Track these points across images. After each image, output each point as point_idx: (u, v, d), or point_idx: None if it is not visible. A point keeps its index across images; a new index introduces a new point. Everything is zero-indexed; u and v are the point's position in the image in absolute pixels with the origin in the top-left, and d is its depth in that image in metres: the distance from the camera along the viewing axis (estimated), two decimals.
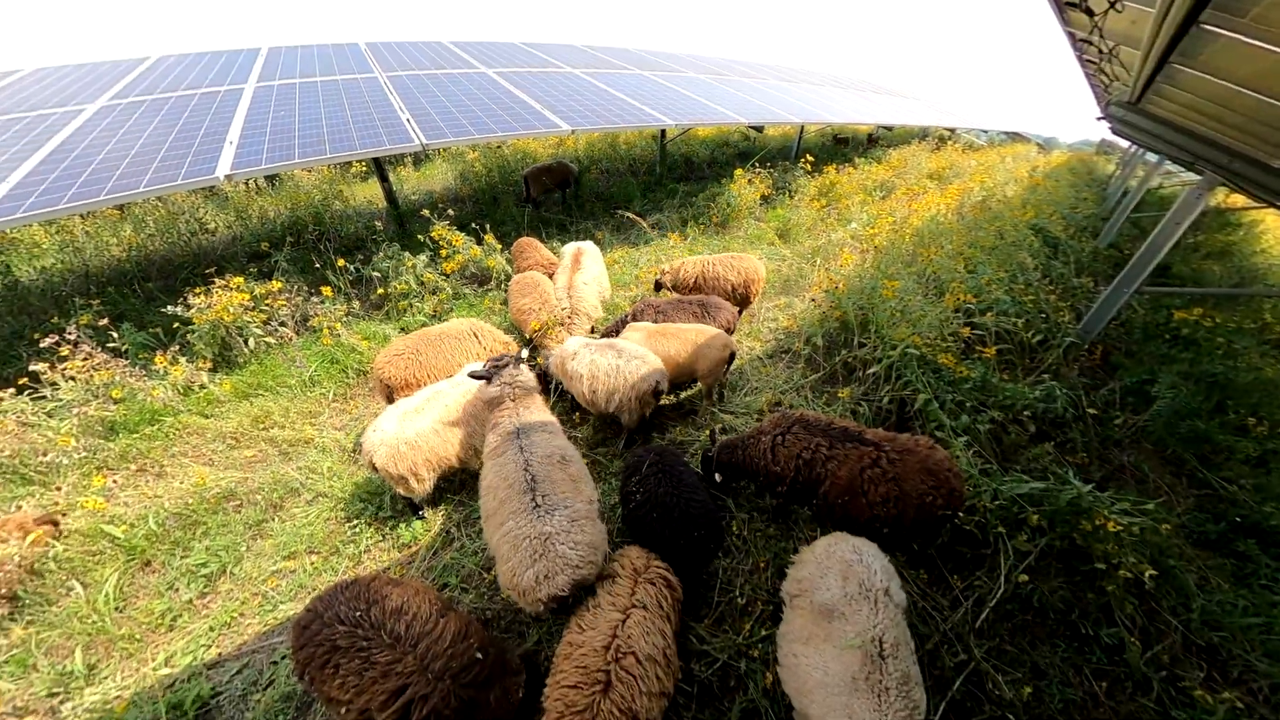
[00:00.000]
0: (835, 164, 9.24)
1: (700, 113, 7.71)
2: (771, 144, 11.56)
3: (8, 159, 4.79)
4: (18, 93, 6.67)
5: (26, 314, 5.33)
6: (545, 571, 2.04)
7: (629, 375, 3.29)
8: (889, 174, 9.46)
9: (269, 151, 4.98)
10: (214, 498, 3.35)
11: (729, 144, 11.32)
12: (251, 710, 2.31)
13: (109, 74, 7.34)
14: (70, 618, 2.70)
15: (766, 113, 8.54)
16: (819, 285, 4.90)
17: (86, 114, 5.81)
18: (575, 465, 2.58)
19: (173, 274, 6.07)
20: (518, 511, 2.22)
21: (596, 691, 1.76)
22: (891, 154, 10.87)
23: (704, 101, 8.33)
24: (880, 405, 3.58)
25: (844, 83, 13.97)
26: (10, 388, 3.72)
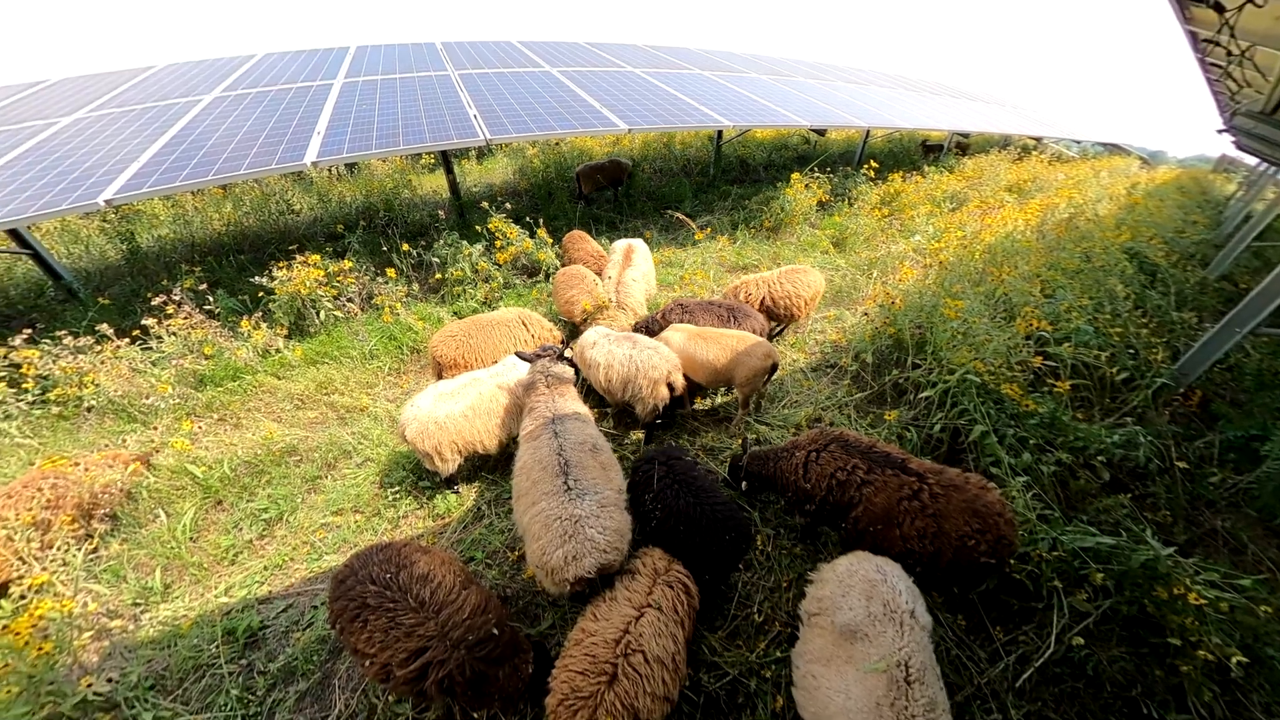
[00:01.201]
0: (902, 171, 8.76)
1: (759, 114, 7.56)
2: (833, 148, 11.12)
3: (140, 141, 5.51)
4: (152, 84, 7.65)
5: (144, 275, 6.13)
6: (574, 553, 2.09)
7: (641, 365, 3.33)
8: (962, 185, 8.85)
9: (350, 142, 5.42)
10: (279, 451, 3.69)
11: (787, 147, 11.01)
12: (291, 646, 2.54)
13: (223, 68, 8.24)
14: (154, 541, 3.09)
15: (829, 115, 8.23)
16: (873, 299, 4.64)
17: (203, 104, 6.57)
18: (605, 454, 2.64)
19: (261, 248, 6.74)
20: (550, 493, 2.30)
21: (602, 682, 1.79)
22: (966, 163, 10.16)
23: (763, 102, 8.15)
24: (930, 433, 3.34)
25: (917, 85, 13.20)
26: (126, 338, 4.29)
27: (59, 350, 4.03)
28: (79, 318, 5.05)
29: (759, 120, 7.36)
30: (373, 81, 7.37)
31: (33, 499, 2.76)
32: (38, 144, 5.65)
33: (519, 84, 7.55)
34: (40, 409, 4.00)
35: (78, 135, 5.83)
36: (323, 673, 2.43)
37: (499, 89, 7.28)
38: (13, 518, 2.63)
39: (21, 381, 3.96)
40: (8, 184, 4.78)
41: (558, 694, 1.82)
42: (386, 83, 7.33)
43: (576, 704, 1.76)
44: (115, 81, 7.90)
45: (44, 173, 4.95)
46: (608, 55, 9.98)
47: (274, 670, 2.43)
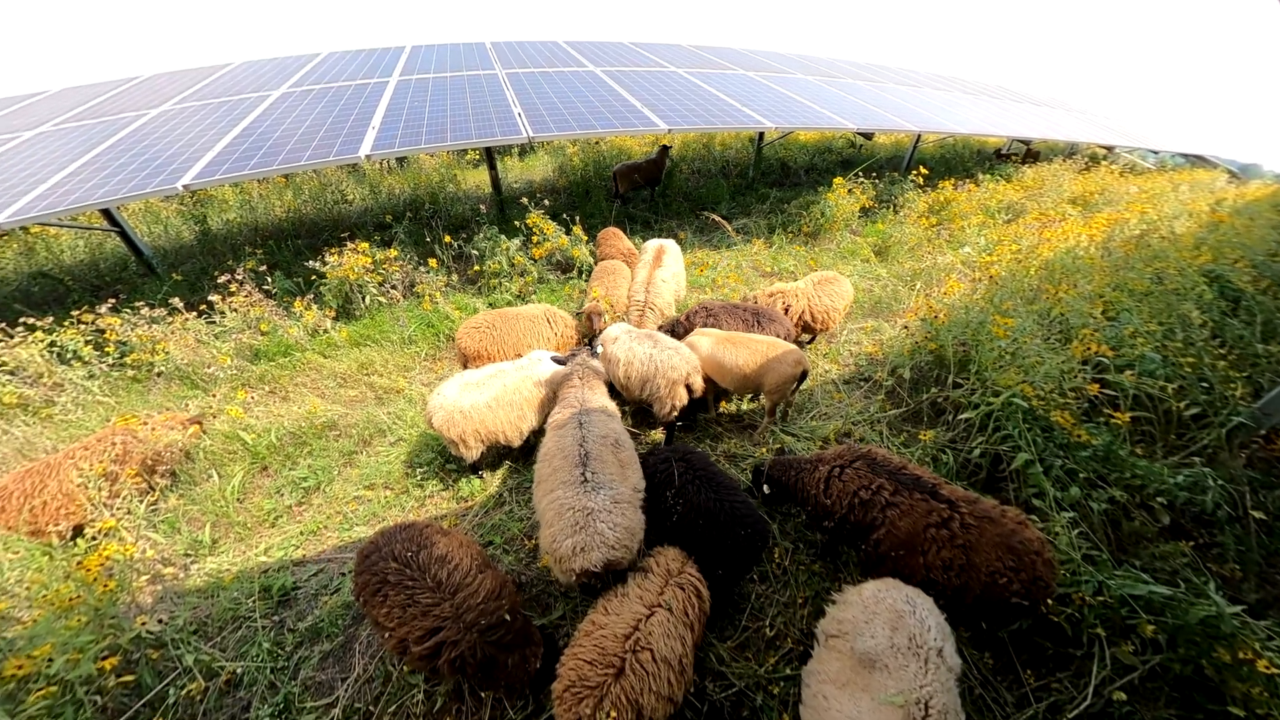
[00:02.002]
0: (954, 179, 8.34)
1: (803, 116, 7.39)
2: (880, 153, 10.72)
3: (215, 133, 5.97)
4: (228, 80, 8.27)
5: (212, 255, 6.65)
6: (582, 545, 2.12)
7: (660, 364, 3.32)
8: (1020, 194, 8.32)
9: (401, 137, 5.67)
10: (320, 425, 3.92)
11: (831, 150, 10.70)
12: (319, 609, 2.70)
13: (291, 66, 8.81)
14: (206, 499, 3.36)
15: (878, 119, 7.94)
16: (915, 312, 4.44)
17: (271, 99, 7.04)
18: (627, 451, 2.66)
19: (317, 234, 7.16)
20: (567, 482, 2.34)
21: (609, 674, 1.80)
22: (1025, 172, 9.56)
23: (808, 104, 7.96)
24: (968, 457, 3.16)
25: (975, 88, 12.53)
26: (194, 311, 4.67)
27: (137, 319, 4.44)
28: (155, 291, 5.53)
29: (802, 122, 7.20)
30: (425, 80, 7.69)
31: (105, 452, 3.05)
32: (129, 133, 6.22)
33: (563, 83, 7.69)
34: (118, 371, 4.43)
35: (163, 126, 6.38)
36: (345, 636, 2.57)
37: (543, 88, 7.44)
38: (87, 468, 2.92)
39: (104, 345, 4.40)
40: (103, 168, 5.30)
41: (565, 680, 1.85)
42: (438, 81, 7.63)
43: (583, 692, 1.78)
44: (198, 77, 8.59)
45: (133, 159, 5.45)
46: (651, 55, 10.01)
47: (302, 629, 2.59)
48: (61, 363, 4.30)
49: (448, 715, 2.23)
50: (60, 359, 4.33)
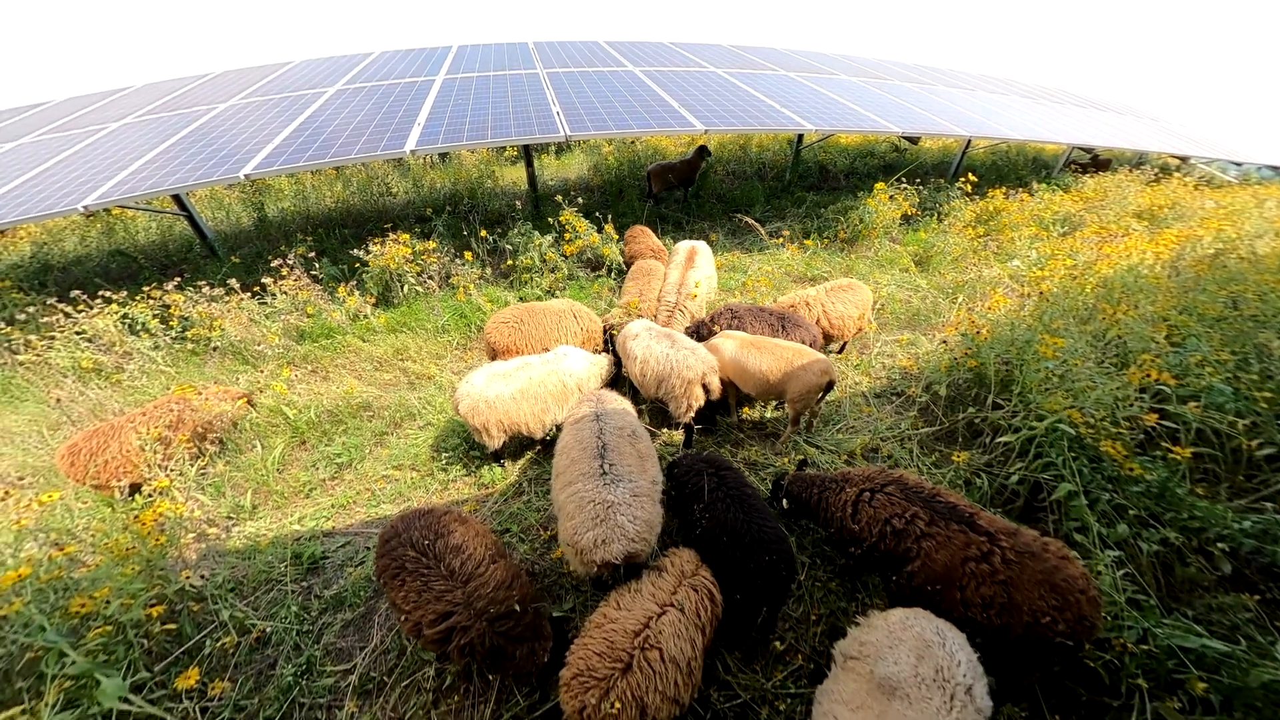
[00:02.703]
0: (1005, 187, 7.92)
1: (845, 118, 7.19)
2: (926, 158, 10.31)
3: (275, 126, 6.35)
4: (289, 77, 8.78)
5: (267, 240, 7.09)
6: (604, 537, 2.14)
7: (676, 364, 3.30)
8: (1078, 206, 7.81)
9: (445, 133, 5.88)
10: (356, 405, 4.11)
11: (873, 154, 10.36)
12: (344, 579, 2.83)
13: (345, 65, 9.27)
14: (249, 467, 3.58)
15: (925, 122, 7.64)
16: (955, 326, 4.22)
17: (326, 95, 7.43)
18: (644, 443, 2.67)
19: (362, 224, 7.51)
20: (586, 474, 2.37)
21: (617, 668, 1.81)
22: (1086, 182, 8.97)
23: (851, 106, 7.74)
24: (1005, 483, 2.99)
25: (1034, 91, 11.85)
26: (249, 292, 4.99)
27: (198, 297, 4.79)
28: (215, 272, 5.93)
29: (844, 125, 7.01)
30: (469, 78, 7.94)
31: (161, 418, 3.31)
32: (199, 126, 6.71)
33: (601, 83, 7.77)
34: (179, 344, 4.80)
35: (229, 119, 6.85)
36: (366, 608, 2.68)
37: (582, 87, 7.54)
38: (144, 432, 3.18)
39: (169, 320, 4.77)
40: (176, 157, 5.74)
41: (573, 668, 1.87)
42: (481, 80, 7.86)
43: (590, 683, 1.79)
44: (261, 74, 9.17)
45: (202, 149, 5.88)
46: (690, 55, 9.98)
47: (327, 597, 2.73)
48: (131, 333, 4.70)
49: (456, 694, 2.29)
50: (130, 330, 4.74)
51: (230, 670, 2.40)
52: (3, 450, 3.97)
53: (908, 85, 9.76)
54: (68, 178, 5.59)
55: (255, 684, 2.36)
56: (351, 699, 2.29)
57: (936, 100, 9.02)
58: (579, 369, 3.54)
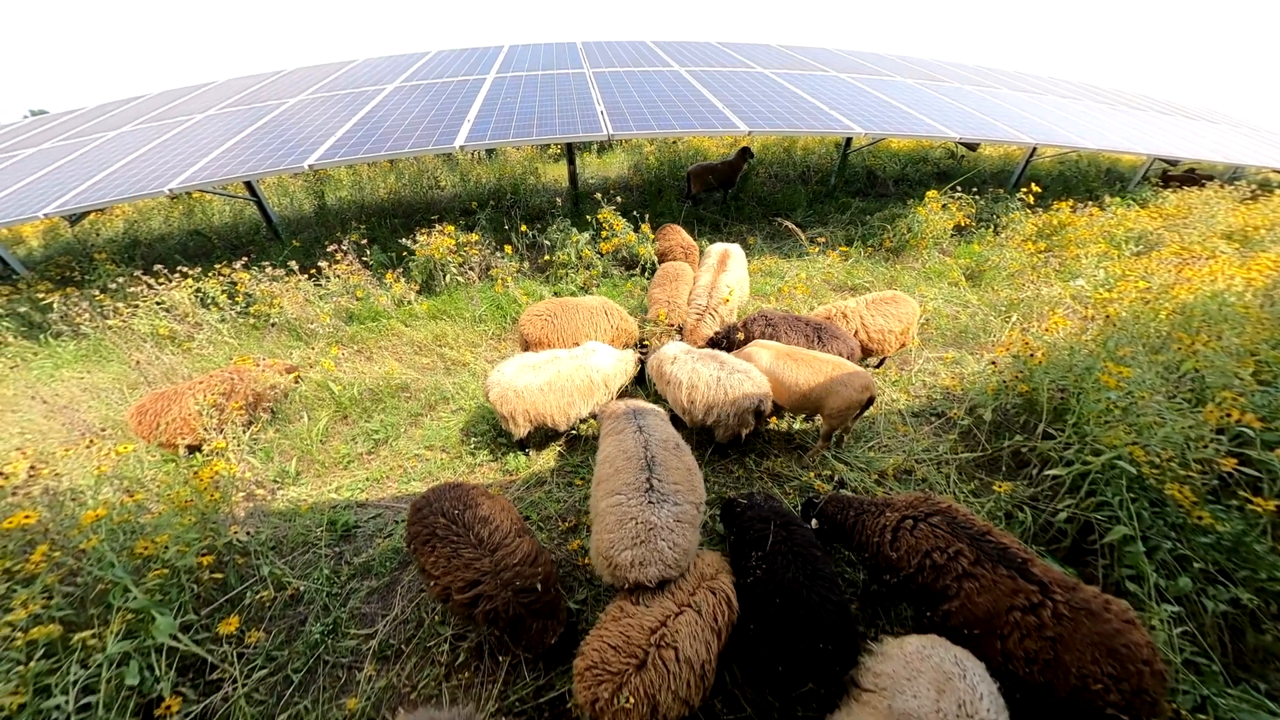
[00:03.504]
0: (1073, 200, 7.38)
1: (898, 122, 6.91)
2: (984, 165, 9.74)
3: (337, 121, 6.76)
4: (351, 75, 9.32)
5: (325, 226, 7.55)
6: (642, 559, 2.06)
7: (730, 390, 3.15)
8: (1157, 223, 7.16)
9: (492, 130, 6.08)
10: (395, 386, 4.31)
11: (927, 160, 9.89)
12: (373, 548, 2.97)
13: (404, 63, 9.74)
14: (296, 436, 3.83)
15: (985, 128, 7.23)
16: (1006, 347, 3.93)
17: (385, 92, 7.83)
18: (688, 456, 2.59)
19: (411, 215, 7.87)
20: (631, 486, 2.28)
21: (632, 664, 1.80)
22: (1169, 197, 8.22)
23: (905, 109, 7.43)
24: (1052, 521, 2.76)
25: (1112, 97, 10.97)
26: (306, 274, 5.34)
27: (261, 277, 5.17)
28: (278, 254, 6.38)
29: (896, 129, 6.73)
30: (518, 77, 8.17)
31: (218, 386, 3.60)
32: (271, 119, 7.22)
33: (646, 82, 7.81)
34: (242, 319, 5.20)
35: (298, 113, 7.34)
36: (390, 578, 2.80)
37: (627, 87, 7.60)
38: (202, 398, 3.47)
39: (235, 296, 5.17)
40: (250, 147, 6.21)
41: (588, 659, 1.87)
42: (529, 79, 8.07)
43: (603, 675, 1.80)
44: (329, 71, 9.78)
45: (271, 140, 6.33)
46: (738, 55, 9.86)
47: (356, 564, 2.87)
48: (202, 306, 5.14)
49: (467, 670, 2.36)
50: (202, 303, 5.18)
51: (265, 622, 2.57)
52: (90, 403, 4.44)
53: (968, 88, 9.27)
54: (158, 163, 6.16)
55: (286, 637, 2.52)
56: (371, 662, 2.40)
57: (1000, 104, 8.52)
58: (606, 365, 3.56)
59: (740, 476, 3.37)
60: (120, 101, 10.38)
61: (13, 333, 5.45)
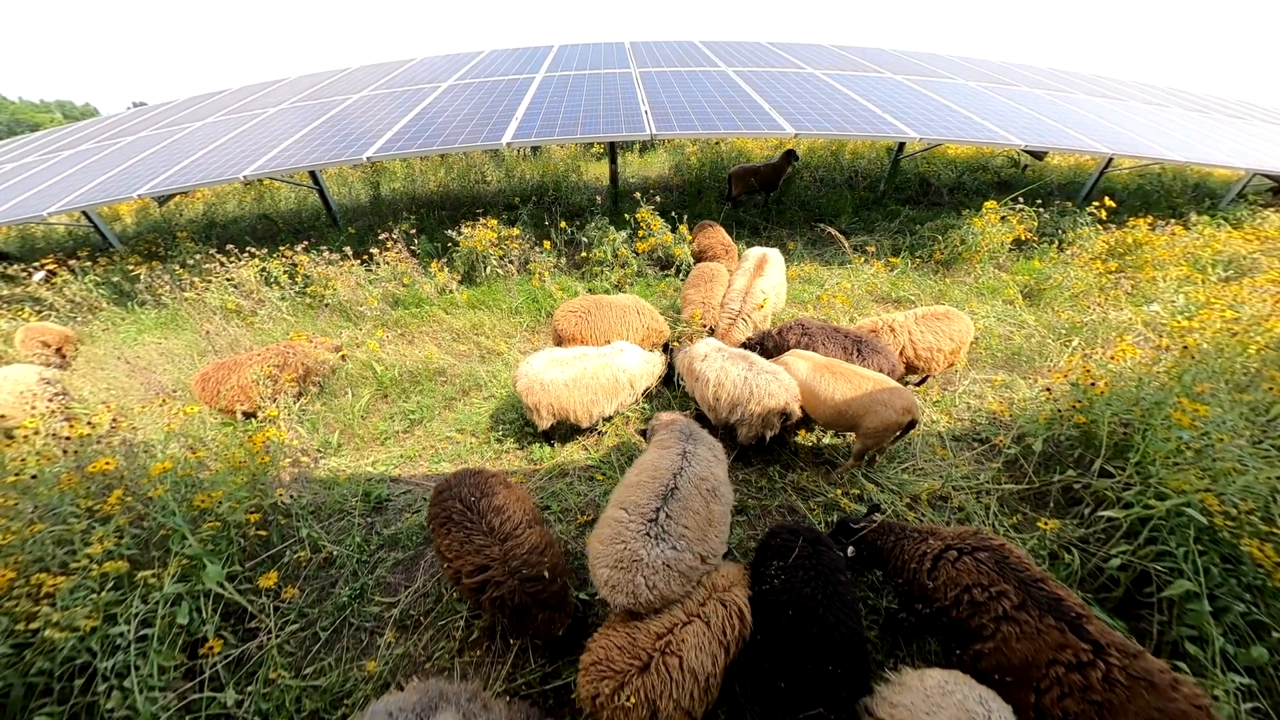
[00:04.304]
0: (1153, 217, 6.75)
1: (956, 127, 6.56)
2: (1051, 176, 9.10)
3: (395, 116, 7.11)
4: (410, 72, 9.77)
5: (378, 215, 7.98)
6: (614, 583, 2.02)
7: (756, 390, 3.09)
8: (1253, 246, 6.44)
9: (539, 128, 6.22)
10: (433, 370, 4.50)
11: (986, 169, 9.33)
12: (402, 522, 3.12)
13: (459, 62, 10.11)
14: (340, 410, 4.07)
15: (1054, 135, 6.74)
16: (1064, 373, 3.63)
17: (439, 90, 8.17)
18: (720, 506, 2.34)
19: (457, 208, 8.18)
20: (639, 508, 2.17)
21: (635, 666, 1.81)
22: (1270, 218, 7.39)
23: (964, 113, 7.04)
24: (1103, 566, 2.54)
25: (1207, 104, 9.97)
26: (358, 259, 5.65)
27: (319, 260, 5.52)
28: (335, 239, 6.78)
29: (954, 134, 6.39)
30: (566, 76, 8.32)
31: (272, 359, 3.89)
32: (335, 114, 7.69)
33: (692, 82, 7.77)
34: (300, 298, 5.58)
35: (359, 108, 7.78)
36: (415, 552, 2.94)
37: (672, 86, 7.59)
38: (258, 369, 3.76)
39: (295, 276, 5.55)
40: (315, 138, 6.63)
41: (593, 654, 1.89)
42: (576, 78, 8.20)
43: (606, 673, 1.82)
44: (389, 69, 10.29)
45: (335, 133, 6.74)
46: (788, 55, 9.65)
47: (385, 535, 3.02)
48: (266, 284, 5.56)
49: (478, 648, 2.44)
50: (265, 281, 5.60)
51: (301, 580, 2.75)
52: (165, 366, 4.90)
53: (1038, 92, 8.69)
54: (235, 152, 6.69)
55: (318, 597, 2.68)
56: (391, 629, 2.52)
57: (1073, 110, 7.94)
58: (633, 365, 3.57)
59: (763, 488, 3.30)
60: (206, 95, 11.34)
61: (106, 299, 6.08)
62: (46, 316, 5.79)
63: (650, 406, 4.01)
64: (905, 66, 9.51)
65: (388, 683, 2.31)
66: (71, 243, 8.63)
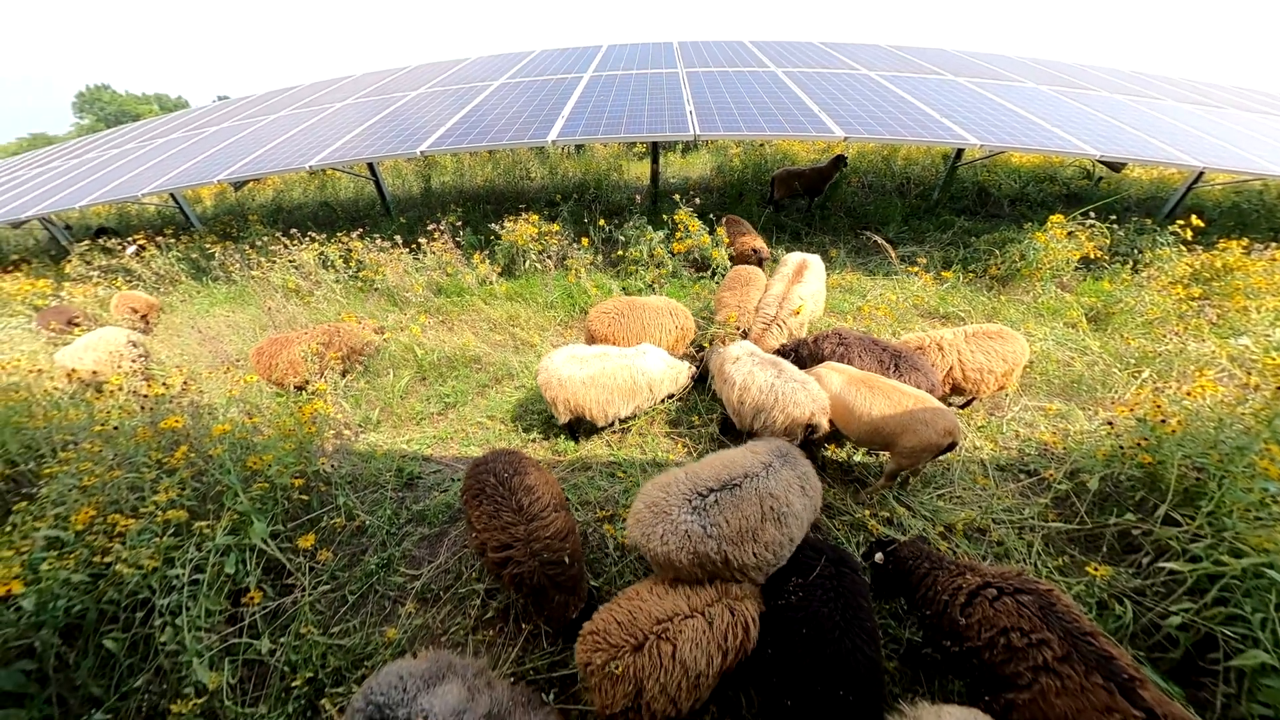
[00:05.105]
0: (1249, 239, 6.07)
1: (1022, 134, 6.16)
2: (1129, 190, 8.38)
3: (448, 113, 7.42)
4: (465, 71, 10.15)
5: (428, 207, 8.36)
6: (641, 517, 2.17)
7: (782, 398, 2.98)
8: None
9: (584, 127, 6.33)
10: (469, 357, 4.68)
11: (1055, 180, 8.69)
12: (430, 500, 3.26)
13: (511, 61, 10.41)
14: (381, 389, 4.30)
15: (1136, 145, 6.21)
16: (1130, 407, 3.29)
17: (491, 88, 8.44)
18: (777, 532, 2.17)
19: (501, 202, 8.45)
20: (699, 480, 2.21)
21: (629, 643, 1.85)
22: None
23: (1033, 119, 6.60)
24: (1160, 623, 2.30)
25: None
26: (407, 248, 5.94)
27: (371, 247, 5.85)
28: (387, 228, 7.15)
29: (1019, 141, 6.00)
30: (612, 76, 8.41)
31: (322, 337, 4.17)
32: (393, 109, 8.10)
33: (740, 83, 7.67)
34: (352, 281, 5.94)
35: (416, 105, 8.16)
36: (440, 530, 3.06)
37: (719, 87, 7.52)
38: (306, 348, 4.03)
39: (349, 261, 5.92)
40: (374, 132, 7.02)
41: (594, 624, 1.96)
42: (623, 78, 8.27)
43: (601, 643, 1.87)
44: (445, 68, 10.74)
45: (393, 128, 7.11)
46: (841, 56, 9.35)
47: (414, 510, 3.17)
48: (323, 267, 5.94)
49: (491, 628, 2.51)
50: (323, 264, 5.98)
51: (334, 545, 2.93)
52: (231, 337, 5.36)
53: (1119, 98, 8.03)
54: (303, 143, 7.18)
55: (349, 562, 2.85)
56: (412, 600, 2.64)
57: (1160, 118, 7.28)
58: (654, 370, 3.55)
59: None
60: (280, 90, 12.22)
61: (185, 273, 6.68)
62: (135, 286, 6.45)
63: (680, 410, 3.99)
64: (968, 68, 9.02)
65: (404, 649, 2.42)
66: (159, 221, 9.55)
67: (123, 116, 51.14)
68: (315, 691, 2.21)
